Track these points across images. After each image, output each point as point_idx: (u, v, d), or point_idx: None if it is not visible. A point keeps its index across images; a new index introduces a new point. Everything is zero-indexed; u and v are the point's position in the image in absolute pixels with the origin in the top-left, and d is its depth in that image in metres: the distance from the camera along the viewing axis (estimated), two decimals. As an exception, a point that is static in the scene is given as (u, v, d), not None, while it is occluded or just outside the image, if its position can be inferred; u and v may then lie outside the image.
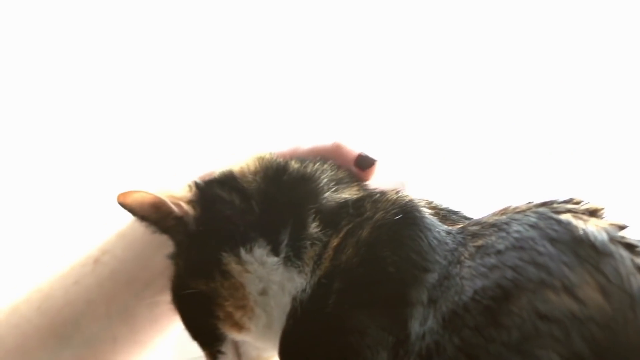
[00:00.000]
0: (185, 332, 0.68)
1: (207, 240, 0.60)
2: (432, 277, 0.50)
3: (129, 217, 0.72)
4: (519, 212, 0.51)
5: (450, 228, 0.55)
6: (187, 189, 0.63)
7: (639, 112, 0.79)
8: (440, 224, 0.55)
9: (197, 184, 0.64)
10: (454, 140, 0.91)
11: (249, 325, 0.59)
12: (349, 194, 0.62)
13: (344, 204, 0.60)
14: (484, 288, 0.46)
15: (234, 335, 0.60)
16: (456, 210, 0.59)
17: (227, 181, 0.63)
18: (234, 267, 0.58)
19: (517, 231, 0.48)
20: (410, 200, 0.56)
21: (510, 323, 0.43)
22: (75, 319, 0.70)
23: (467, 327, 0.45)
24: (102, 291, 0.70)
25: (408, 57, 0.93)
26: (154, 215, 0.62)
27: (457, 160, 0.88)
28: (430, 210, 0.56)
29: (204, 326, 0.61)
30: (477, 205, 0.60)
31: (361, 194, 0.62)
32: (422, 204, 0.57)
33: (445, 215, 0.57)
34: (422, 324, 0.48)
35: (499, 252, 0.47)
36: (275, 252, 0.58)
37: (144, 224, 0.63)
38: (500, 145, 0.91)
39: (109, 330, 0.71)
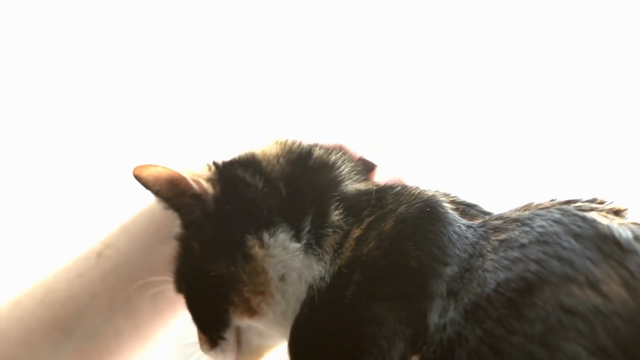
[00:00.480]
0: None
1: (228, 222, 0.59)
2: (451, 270, 0.51)
3: (132, 211, 0.73)
4: (542, 209, 0.51)
5: (471, 222, 0.55)
6: (206, 167, 0.62)
7: (639, 112, 0.79)
8: (460, 218, 0.55)
9: (216, 164, 0.63)
10: (454, 140, 0.91)
11: (266, 312, 0.58)
12: (370, 185, 0.62)
13: (366, 194, 0.60)
14: (507, 280, 0.46)
15: (242, 321, 0.59)
16: (474, 203, 0.59)
17: (250, 163, 0.62)
18: (257, 250, 0.58)
19: (541, 226, 0.49)
20: (433, 195, 0.57)
21: (534, 315, 0.44)
22: (79, 313, 0.70)
23: (489, 319, 0.45)
24: (105, 285, 0.70)
25: (408, 57, 0.93)
26: (169, 191, 0.60)
27: (457, 160, 0.88)
28: (450, 205, 0.57)
29: (211, 311, 0.60)
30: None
31: (381, 185, 0.61)
32: (444, 198, 0.57)
33: (464, 209, 0.57)
34: (441, 315, 0.48)
35: (522, 245, 0.48)
36: (297, 238, 0.58)
37: (157, 199, 0.62)
38: (500, 145, 0.91)
39: (112, 323, 0.71)
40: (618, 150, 0.82)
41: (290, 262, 0.57)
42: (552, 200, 0.53)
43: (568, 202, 0.52)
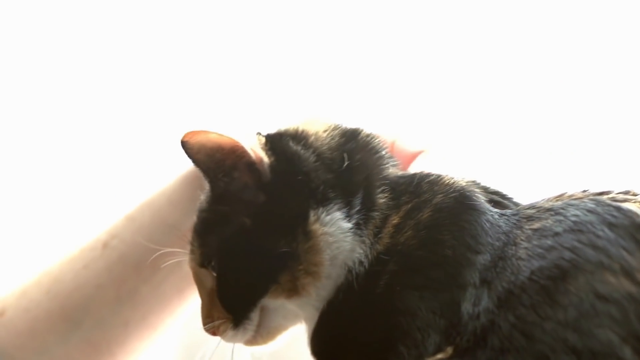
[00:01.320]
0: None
1: (288, 195, 0.57)
2: (484, 259, 0.51)
3: (138, 201, 0.73)
4: (575, 199, 0.52)
5: (504, 211, 0.55)
6: (257, 138, 0.59)
7: (639, 112, 0.79)
8: (491, 207, 0.55)
9: (267, 135, 0.61)
10: (454, 140, 0.91)
11: (308, 293, 0.56)
12: (405, 172, 0.62)
13: (404, 180, 0.59)
14: (541, 268, 0.47)
15: (276, 301, 0.57)
16: (504, 193, 0.59)
17: (300, 137, 0.61)
18: (317, 227, 0.56)
19: (575, 215, 0.49)
20: (467, 185, 0.57)
21: (567, 302, 0.44)
22: (85, 303, 0.70)
23: (522, 306, 0.46)
24: (112, 275, 0.70)
25: (407, 57, 0.93)
26: (219, 159, 0.57)
27: (457, 160, 0.88)
28: (483, 194, 0.57)
29: (248, 289, 0.57)
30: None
31: (416, 172, 0.60)
32: (476, 188, 0.57)
33: (495, 199, 0.57)
34: (475, 304, 0.49)
35: (556, 234, 0.48)
36: (349, 217, 0.56)
37: (199, 169, 0.59)
38: (500, 145, 0.91)
39: (119, 314, 0.71)
40: (618, 150, 0.81)
41: (342, 243, 0.56)
42: (584, 191, 0.54)
43: (601, 194, 0.52)
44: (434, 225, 0.53)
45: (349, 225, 0.56)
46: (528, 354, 0.43)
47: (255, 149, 0.57)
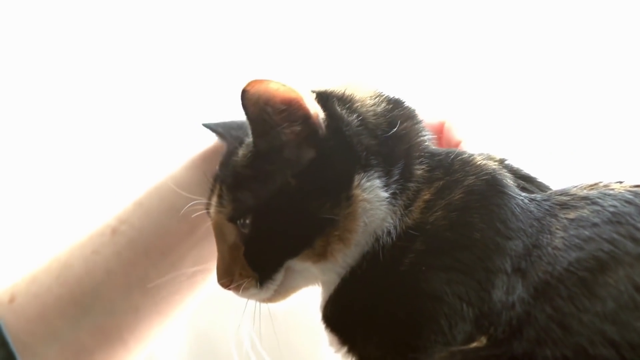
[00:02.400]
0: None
1: (338, 157, 0.55)
2: (516, 245, 0.50)
3: (145, 186, 0.73)
4: (610, 189, 0.51)
5: (534, 195, 0.54)
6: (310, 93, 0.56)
7: (639, 112, 0.79)
8: (520, 192, 0.54)
9: (318, 92, 0.58)
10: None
11: (335, 259, 0.55)
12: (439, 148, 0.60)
13: (440, 155, 0.58)
14: (578, 259, 0.46)
15: (303, 263, 0.56)
16: (532, 176, 0.58)
17: (346, 100, 0.59)
18: (358, 193, 0.54)
19: (613, 206, 0.49)
20: (498, 167, 0.56)
21: (605, 294, 0.44)
22: (95, 289, 0.70)
23: (559, 297, 0.45)
24: (121, 261, 0.70)
25: (406, 57, 0.93)
26: (274, 110, 0.54)
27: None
28: (512, 177, 0.56)
29: (279, 249, 0.56)
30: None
31: (449, 149, 0.60)
32: (505, 171, 0.56)
33: (523, 184, 0.56)
34: (508, 293, 0.48)
35: (594, 225, 0.48)
36: (386, 186, 0.55)
37: (252, 123, 0.55)
38: (500, 145, 0.91)
39: (130, 300, 0.71)
40: (618, 150, 0.81)
41: (376, 211, 0.54)
42: (620, 181, 0.53)
43: (638, 186, 0.52)
44: (464, 207, 0.53)
45: (386, 194, 0.54)
46: (565, 346, 0.43)
47: (313, 102, 0.55)
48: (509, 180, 0.55)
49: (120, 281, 0.70)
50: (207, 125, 0.68)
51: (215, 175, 0.61)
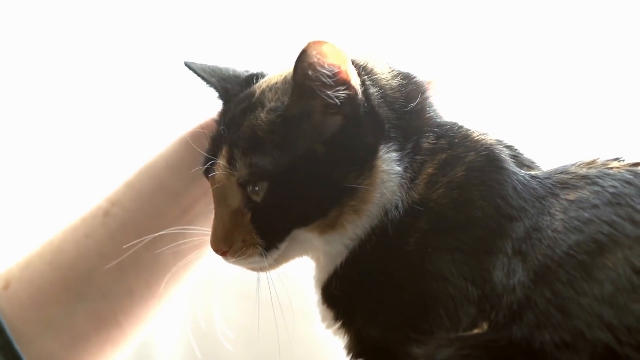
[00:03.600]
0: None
1: (366, 125, 0.55)
2: (518, 227, 0.50)
3: (136, 166, 0.72)
4: (609, 168, 0.51)
5: (535, 172, 0.55)
6: None
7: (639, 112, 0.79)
8: (519, 168, 0.55)
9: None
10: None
11: (346, 230, 0.54)
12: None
13: (442, 127, 0.58)
14: (578, 242, 0.47)
15: (310, 234, 0.55)
16: (522, 152, 0.58)
17: (367, 71, 0.58)
18: (379, 164, 0.54)
19: (613, 187, 0.49)
20: (495, 142, 0.56)
21: (603, 277, 0.44)
22: (89, 273, 0.69)
23: (559, 281, 0.45)
24: (114, 244, 0.69)
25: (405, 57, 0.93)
26: (325, 74, 0.52)
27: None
28: (510, 153, 0.56)
29: (291, 218, 0.55)
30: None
31: (447, 121, 0.59)
32: (502, 147, 0.56)
33: (520, 159, 0.56)
34: (509, 275, 0.48)
35: (594, 206, 0.48)
36: (400, 160, 0.55)
37: (296, 85, 0.53)
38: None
39: (124, 283, 0.70)
40: (618, 150, 0.81)
41: (390, 184, 0.54)
42: (617, 159, 0.53)
43: (637, 164, 0.52)
44: (466, 184, 0.53)
45: (399, 168, 0.54)
46: (564, 330, 0.44)
47: (353, 69, 0.54)
48: (506, 156, 0.55)
49: (113, 265, 0.69)
50: (189, 65, 0.65)
51: (218, 136, 0.58)
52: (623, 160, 0.53)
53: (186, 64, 0.64)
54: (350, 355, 0.56)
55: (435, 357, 0.46)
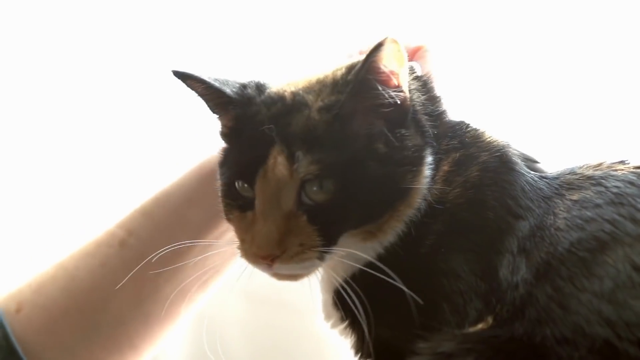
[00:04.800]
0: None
1: (419, 127, 0.55)
2: (524, 226, 0.51)
3: (152, 193, 0.71)
4: (615, 170, 0.53)
5: (544, 173, 0.56)
6: None
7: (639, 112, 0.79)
8: (528, 169, 0.56)
9: None
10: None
11: (387, 236, 0.53)
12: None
13: (455, 125, 0.58)
14: (579, 240, 0.48)
15: (351, 239, 0.53)
16: (530, 156, 0.58)
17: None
18: (423, 169, 0.54)
19: (616, 187, 0.50)
20: (507, 144, 0.57)
21: (604, 273, 0.45)
22: (104, 302, 0.69)
23: (560, 278, 0.46)
24: (131, 275, 0.67)
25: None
26: (388, 74, 0.52)
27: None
28: (519, 155, 0.57)
29: (348, 219, 0.52)
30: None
31: (458, 119, 0.60)
32: (513, 149, 0.57)
33: (528, 163, 0.57)
34: (513, 273, 0.49)
35: (597, 205, 0.49)
36: (432, 164, 0.55)
37: (358, 81, 0.52)
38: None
39: (140, 310, 0.70)
40: (617, 150, 0.82)
41: (425, 188, 0.54)
42: (623, 161, 0.54)
43: None
44: (480, 184, 0.53)
45: (430, 172, 0.55)
46: (564, 325, 0.44)
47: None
48: (517, 158, 0.56)
49: (130, 294, 0.69)
50: (189, 75, 0.58)
51: (259, 137, 0.54)
52: (628, 163, 0.54)
53: (186, 74, 0.58)
54: (359, 355, 0.56)
55: (438, 349, 0.47)
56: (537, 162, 0.58)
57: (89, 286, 0.69)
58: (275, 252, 0.52)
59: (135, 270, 0.67)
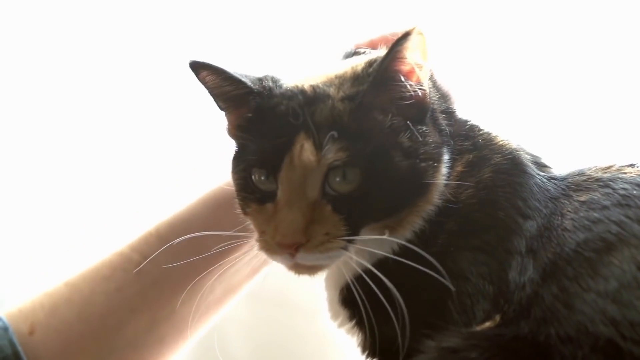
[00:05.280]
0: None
1: (434, 126, 0.56)
2: (532, 226, 0.52)
3: (169, 217, 0.70)
4: (623, 173, 0.54)
5: (553, 175, 0.57)
6: None
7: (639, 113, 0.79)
8: (539, 171, 0.57)
9: None
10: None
11: (405, 232, 0.54)
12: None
13: (468, 127, 0.59)
14: (586, 240, 0.48)
15: (370, 232, 0.53)
16: (539, 156, 0.59)
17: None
18: (441, 167, 0.55)
19: (624, 189, 0.51)
20: (518, 147, 0.58)
21: (609, 273, 0.46)
22: (119, 327, 0.69)
23: (566, 278, 0.47)
24: (147, 300, 0.69)
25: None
26: (413, 67, 0.53)
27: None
28: (530, 157, 0.58)
29: (371, 210, 0.53)
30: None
31: (468, 120, 0.61)
32: (524, 152, 0.58)
33: (539, 164, 0.58)
34: (521, 273, 0.50)
35: (604, 207, 0.50)
36: (448, 163, 0.56)
37: (381, 71, 0.52)
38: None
39: (155, 333, 0.70)
40: (618, 150, 0.82)
41: (442, 186, 0.55)
42: (632, 165, 0.55)
43: None
44: (492, 185, 0.54)
45: (446, 170, 0.56)
46: (567, 324, 0.45)
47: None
48: (528, 161, 0.57)
49: (145, 319, 0.69)
50: (209, 66, 0.57)
51: (285, 125, 0.53)
52: (638, 167, 0.55)
53: (205, 65, 0.57)
54: (366, 353, 0.56)
55: (443, 344, 0.47)
56: (547, 166, 0.59)
57: (104, 311, 0.69)
58: (300, 240, 0.52)
59: (151, 296, 0.68)
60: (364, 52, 0.64)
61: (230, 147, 0.61)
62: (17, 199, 1.06)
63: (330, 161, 0.51)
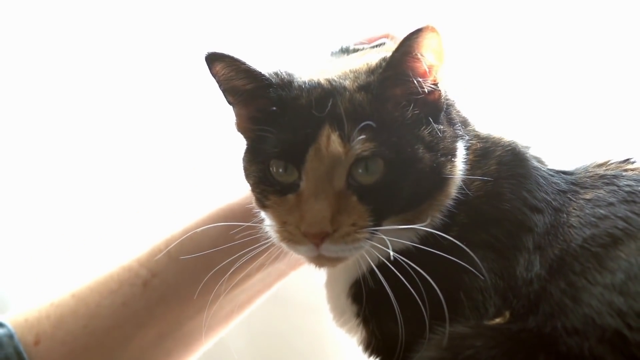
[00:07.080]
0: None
1: (449, 121, 0.56)
2: (541, 222, 0.52)
3: (178, 232, 0.69)
4: (625, 169, 0.54)
5: (557, 168, 0.57)
6: None
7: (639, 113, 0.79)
8: (541, 164, 0.57)
9: None
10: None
11: (422, 222, 0.53)
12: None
13: (470, 121, 0.60)
14: (593, 236, 0.49)
15: (390, 224, 0.53)
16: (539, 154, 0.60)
17: None
18: (458, 161, 0.55)
19: (629, 185, 0.52)
20: (513, 141, 0.58)
21: (616, 267, 0.46)
22: (125, 341, 0.68)
23: (573, 273, 0.47)
24: (153, 316, 0.68)
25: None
26: (424, 64, 0.52)
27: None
28: (527, 151, 0.58)
29: (392, 202, 0.53)
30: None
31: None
32: (521, 145, 0.58)
33: (536, 158, 0.59)
34: (528, 269, 0.50)
35: (610, 204, 0.51)
36: (464, 158, 0.56)
37: (393, 64, 0.53)
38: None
39: (162, 346, 0.70)
40: (617, 151, 0.82)
41: (459, 180, 0.55)
42: (628, 159, 0.56)
43: None
44: (497, 177, 0.55)
45: (463, 165, 0.56)
46: (574, 317, 0.45)
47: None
48: (527, 153, 0.58)
49: (152, 334, 0.68)
50: (231, 57, 0.56)
51: (307, 117, 0.53)
52: (634, 161, 0.56)
53: (224, 55, 0.56)
54: (369, 350, 0.56)
55: (452, 329, 0.47)
56: (543, 162, 0.59)
57: (110, 324, 0.68)
58: (327, 229, 0.51)
59: (158, 312, 0.67)
60: (362, 49, 0.64)
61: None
62: (17, 199, 1.05)
63: (359, 152, 0.51)
